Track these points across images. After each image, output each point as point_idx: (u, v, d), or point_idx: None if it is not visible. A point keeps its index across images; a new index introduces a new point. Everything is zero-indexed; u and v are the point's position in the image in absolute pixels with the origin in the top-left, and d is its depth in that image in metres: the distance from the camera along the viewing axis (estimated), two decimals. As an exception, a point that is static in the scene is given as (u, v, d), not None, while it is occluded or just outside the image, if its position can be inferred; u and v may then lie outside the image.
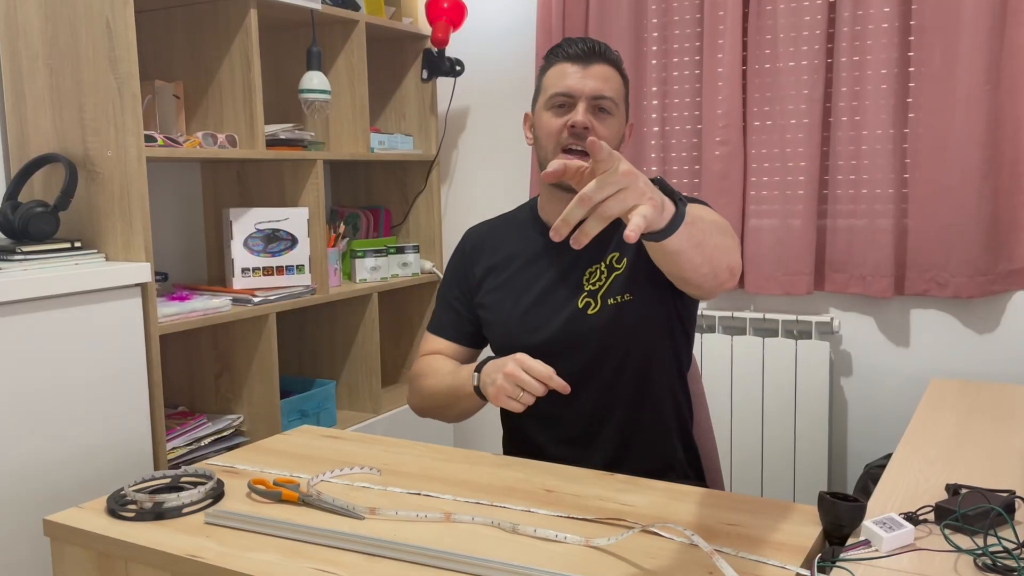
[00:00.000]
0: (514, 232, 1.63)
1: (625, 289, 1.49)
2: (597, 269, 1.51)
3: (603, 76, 1.47)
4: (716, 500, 1.22)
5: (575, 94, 1.46)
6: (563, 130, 1.46)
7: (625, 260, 1.50)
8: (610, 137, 1.47)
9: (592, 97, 1.46)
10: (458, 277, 1.67)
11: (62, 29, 1.96)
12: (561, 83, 1.47)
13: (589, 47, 1.48)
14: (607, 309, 1.49)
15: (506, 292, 1.58)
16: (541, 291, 1.54)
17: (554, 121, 1.48)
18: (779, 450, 2.49)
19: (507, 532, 1.12)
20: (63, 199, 1.92)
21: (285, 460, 1.43)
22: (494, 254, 1.62)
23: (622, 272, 1.50)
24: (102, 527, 1.17)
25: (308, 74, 2.42)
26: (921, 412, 1.68)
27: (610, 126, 1.48)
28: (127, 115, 1.91)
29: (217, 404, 2.38)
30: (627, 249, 1.50)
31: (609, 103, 1.47)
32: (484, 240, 1.66)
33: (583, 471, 1.35)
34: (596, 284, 1.50)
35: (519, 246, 1.60)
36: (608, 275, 1.50)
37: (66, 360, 1.77)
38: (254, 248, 2.36)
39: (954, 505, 1.08)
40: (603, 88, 1.47)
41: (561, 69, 1.49)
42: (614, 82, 1.49)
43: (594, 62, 1.48)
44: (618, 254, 1.51)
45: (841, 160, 2.40)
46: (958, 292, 2.27)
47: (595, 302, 1.50)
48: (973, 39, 2.18)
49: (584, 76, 1.47)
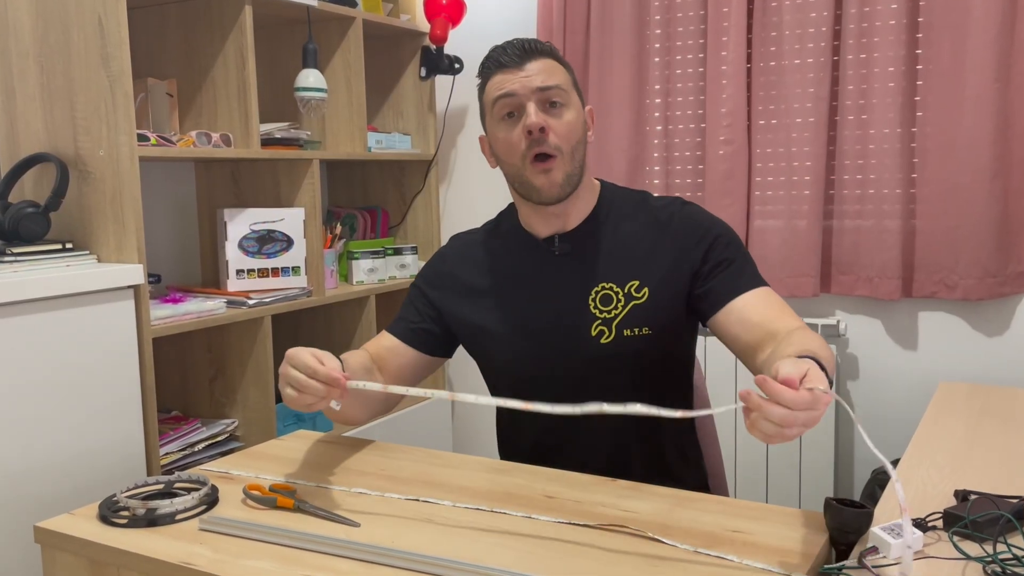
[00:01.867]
0: (503, 246, 1.56)
1: (644, 322, 1.43)
2: (611, 292, 1.45)
3: (543, 69, 1.40)
4: (720, 506, 1.22)
5: (518, 93, 1.39)
6: (521, 139, 1.39)
7: (647, 291, 1.44)
8: (569, 131, 1.40)
9: (538, 90, 1.39)
10: (435, 282, 1.59)
11: (53, 26, 1.97)
12: (501, 89, 1.40)
13: (517, 47, 1.41)
14: (622, 340, 1.43)
15: (504, 312, 1.51)
16: (546, 312, 1.47)
17: (510, 134, 1.41)
18: (784, 455, 2.49)
19: (506, 537, 1.12)
20: (54, 199, 1.92)
21: (281, 466, 1.43)
22: (485, 269, 1.55)
23: (642, 303, 1.44)
24: (94, 534, 1.17)
25: (304, 72, 2.42)
26: (929, 416, 1.68)
27: (567, 119, 1.40)
28: (119, 114, 1.91)
29: (211, 408, 2.38)
30: (649, 279, 1.45)
31: (557, 92, 1.40)
32: (473, 251, 1.58)
33: (585, 476, 1.35)
34: (611, 312, 1.44)
35: (511, 261, 1.53)
36: (626, 304, 1.44)
37: (57, 363, 1.77)
38: (249, 249, 2.36)
39: (963, 511, 1.08)
40: (546, 79, 1.39)
41: (496, 79, 1.42)
42: (556, 71, 1.42)
43: (528, 60, 1.40)
44: (638, 283, 1.44)
45: (848, 159, 2.40)
46: (967, 294, 2.27)
47: (609, 331, 1.44)
48: (982, 36, 2.19)
49: (523, 75, 1.39)
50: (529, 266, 1.51)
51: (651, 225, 1.49)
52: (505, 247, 1.55)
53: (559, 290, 1.48)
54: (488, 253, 1.56)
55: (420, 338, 1.57)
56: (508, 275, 1.53)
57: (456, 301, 1.56)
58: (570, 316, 1.46)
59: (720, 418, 2.54)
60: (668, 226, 1.48)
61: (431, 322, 1.57)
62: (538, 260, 1.50)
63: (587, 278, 1.47)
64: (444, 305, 1.57)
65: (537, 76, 1.39)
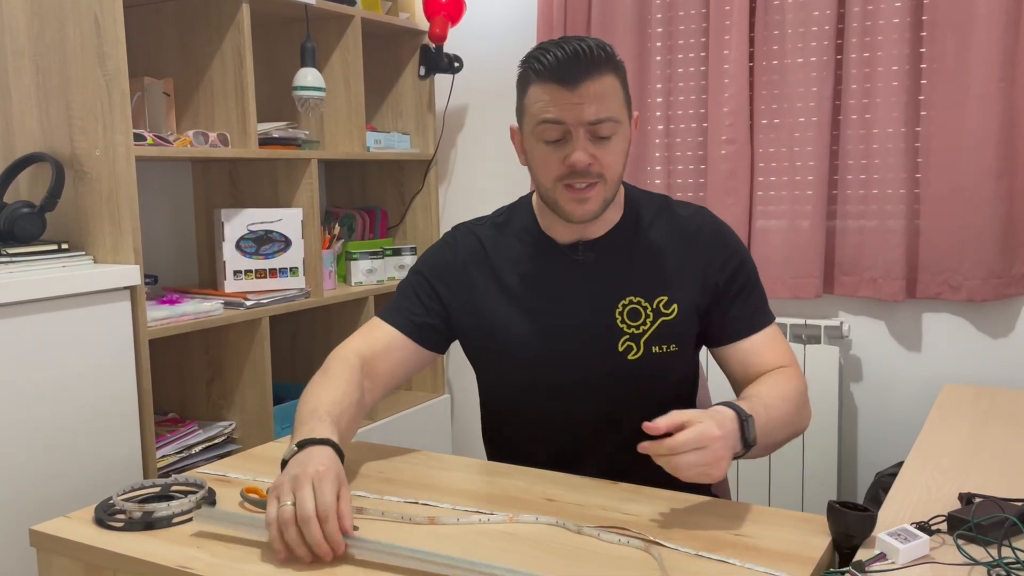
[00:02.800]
0: (519, 245, 1.48)
1: (671, 339, 1.41)
2: (638, 307, 1.41)
3: (598, 95, 1.29)
4: (722, 509, 1.22)
5: (568, 123, 1.29)
6: (561, 166, 1.31)
7: (675, 307, 1.41)
8: (617, 160, 1.34)
9: (589, 123, 1.29)
10: (444, 276, 1.50)
11: (49, 25, 1.97)
12: (549, 110, 1.30)
13: (574, 58, 1.28)
14: (650, 357, 1.41)
15: (525, 314, 1.44)
16: (571, 321, 1.42)
17: (550, 156, 1.32)
18: (787, 458, 2.49)
19: (502, 537, 1.12)
20: (50, 200, 1.92)
21: (278, 468, 1.43)
22: (501, 267, 1.47)
23: (671, 320, 1.41)
24: (90, 537, 1.17)
25: (302, 71, 2.42)
26: (933, 419, 1.69)
27: (615, 149, 1.33)
28: (115, 113, 1.91)
29: (208, 411, 2.38)
30: (678, 295, 1.41)
31: (610, 124, 1.30)
32: (486, 246, 1.50)
33: (585, 480, 1.35)
34: (640, 328, 1.40)
35: (530, 263, 1.46)
36: (655, 320, 1.40)
37: (52, 365, 1.77)
38: (246, 250, 2.36)
39: (967, 515, 1.08)
40: (600, 111, 1.29)
41: (545, 90, 1.30)
42: (612, 95, 1.31)
43: (584, 77, 1.28)
44: (667, 298, 1.41)
45: (851, 159, 2.40)
46: (972, 295, 2.27)
47: (637, 347, 1.40)
48: (987, 34, 2.19)
49: (576, 101, 1.28)
50: (550, 271, 1.45)
51: (677, 236, 1.45)
52: (521, 247, 1.48)
53: (584, 300, 1.42)
54: (502, 250, 1.49)
55: (424, 333, 1.48)
56: (527, 277, 1.46)
57: (469, 298, 1.48)
58: (597, 328, 1.42)
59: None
60: (696, 240, 1.45)
61: (436, 317, 1.49)
62: (560, 266, 1.44)
63: (614, 290, 1.42)
64: (453, 301, 1.49)
65: (592, 105, 1.28)
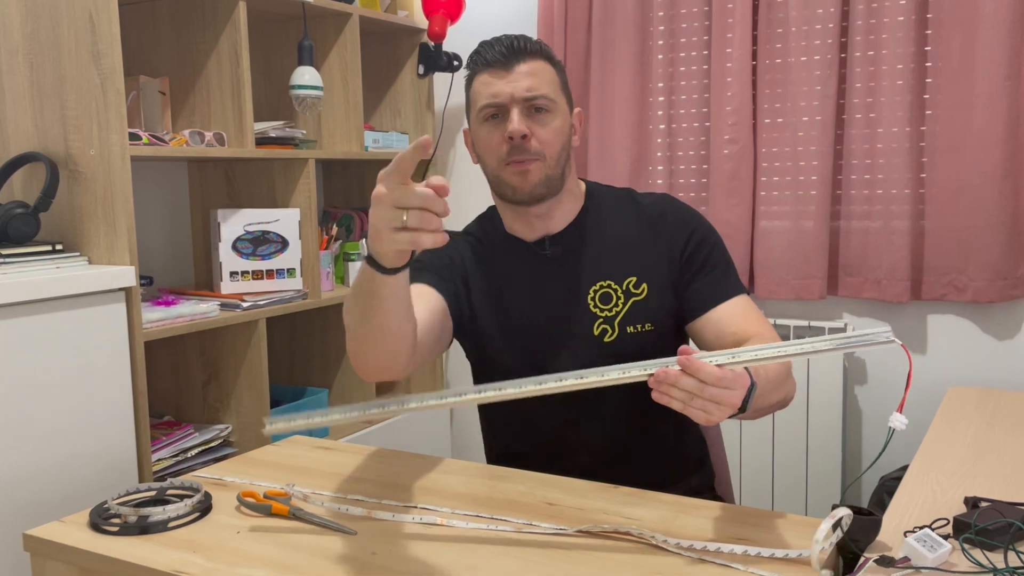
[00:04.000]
0: (491, 250, 1.55)
1: (646, 318, 1.46)
2: (609, 290, 1.47)
3: (530, 73, 1.41)
4: (725, 513, 1.22)
5: (504, 101, 1.40)
6: (502, 143, 1.41)
7: (645, 286, 1.47)
8: (554, 137, 1.42)
9: (524, 100, 1.40)
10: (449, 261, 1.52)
11: (43, 23, 1.97)
12: (487, 92, 1.42)
13: (507, 46, 1.42)
14: (626, 337, 1.46)
15: (504, 315, 1.51)
16: (546, 314, 1.48)
17: (492, 135, 1.43)
18: (791, 461, 2.49)
19: (505, 541, 1.12)
20: (44, 200, 1.92)
21: (275, 472, 1.43)
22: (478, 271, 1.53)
23: (642, 299, 1.47)
24: (85, 542, 1.17)
25: (299, 69, 2.42)
26: (938, 422, 1.69)
27: (551, 125, 1.42)
28: (111, 112, 1.92)
29: (204, 413, 2.38)
30: (646, 275, 1.47)
31: (543, 101, 1.41)
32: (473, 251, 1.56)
33: (586, 483, 1.35)
34: (612, 310, 1.47)
35: (503, 266, 1.53)
36: (626, 300, 1.47)
37: (47, 367, 1.77)
38: (243, 251, 2.37)
39: (973, 519, 1.09)
40: (533, 86, 1.40)
41: (483, 79, 1.43)
42: (545, 75, 1.43)
43: (516, 61, 1.41)
44: (636, 279, 1.47)
45: (855, 159, 2.40)
46: (977, 297, 2.27)
47: (612, 329, 1.46)
48: (993, 32, 2.19)
49: (509, 79, 1.40)
50: (522, 270, 1.52)
51: (641, 221, 1.52)
52: (493, 251, 1.55)
53: (556, 292, 1.49)
54: (478, 256, 1.55)
55: (451, 292, 1.48)
56: (502, 279, 1.52)
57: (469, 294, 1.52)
58: (571, 316, 1.47)
59: (727, 426, 2.54)
60: (659, 220, 1.51)
61: (460, 283, 1.51)
62: (530, 263, 1.51)
63: (583, 278, 1.48)
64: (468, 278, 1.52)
65: (524, 81, 1.40)
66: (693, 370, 1.05)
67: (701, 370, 1.05)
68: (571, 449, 1.51)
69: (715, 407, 1.06)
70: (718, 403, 1.06)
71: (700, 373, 1.05)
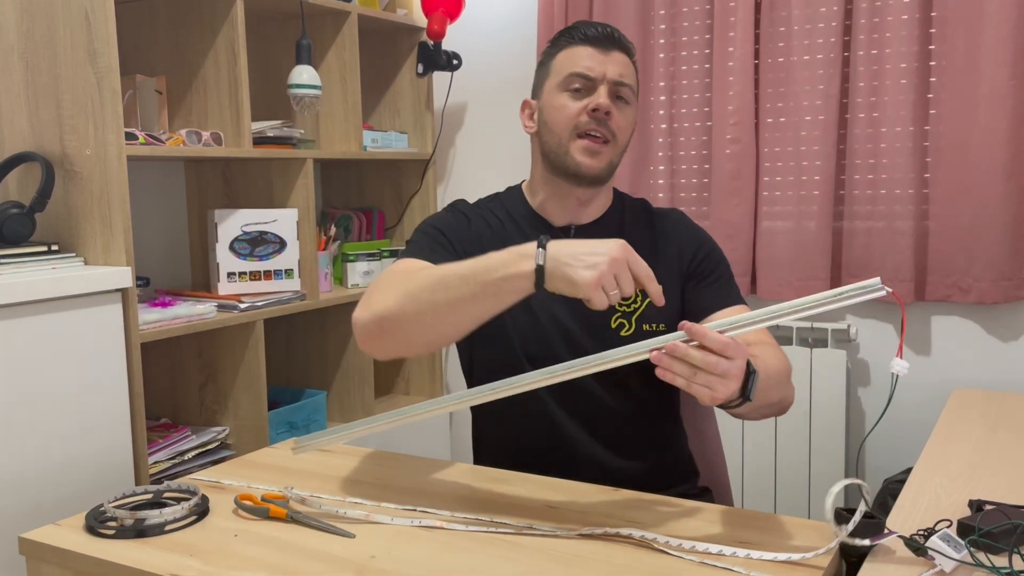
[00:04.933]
0: (514, 227, 1.54)
1: (659, 319, 1.48)
2: None
3: (623, 63, 1.48)
4: (727, 516, 1.22)
5: (596, 77, 1.45)
6: (582, 114, 1.45)
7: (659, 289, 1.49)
8: (626, 128, 1.48)
9: (614, 82, 1.45)
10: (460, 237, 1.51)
11: (38, 21, 1.97)
12: (580, 64, 1.46)
13: (608, 32, 1.48)
14: (642, 334, 1.47)
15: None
16: (565, 300, 1.45)
17: (571, 104, 1.46)
18: (793, 463, 2.49)
19: (506, 545, 1.12)
20: (39, 200, 1.92)
21: (273, 475, 1.43)
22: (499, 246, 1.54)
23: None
24: (80, 545, 1.17)
25: (297, 68, 2.42)
26: (943, 424, 1.69)
27: (628, 116, 1.49)
28: (107, 111, 1.92)
29: (202, 416, 2.38)
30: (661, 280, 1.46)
31: (628, 91, 1.48)
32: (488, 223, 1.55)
33: (587, 486, 1.35)
34: (631, 305, 1.49)
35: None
36: (643, 298, 1.49)
37: (42, 369, 1.77)
38: (240, 252, 2.37)
39: (976, 522, 1.09)
40: (624, 74, 1.47)
41: (577, 51, 1.47)
42: (632, 71, 1.50)
43: (613, 48, 1.47)
44: None
45: (858, 159, 2.40)
46: (982, 298, 2.27)
47: (629, 324, 1.48)
48: (998, 31, 2.19)
49: (605, 60, 1.46)
50: None
51: (655, 230, 1.57)
52: (518, 226, 1.55)
53: None
54: (498, 231, 1.54)
55: None
56: None
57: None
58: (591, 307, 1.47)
59: (725, 425, 2.54)
60: (672, 232, 1.57)
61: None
62: None
63: None
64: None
65: (618, 67, 1.46)
66: (697, 336, 1.06)
67: (705, 335, 1.05)
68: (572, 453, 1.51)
69: (719, 381, 1.06)
70: (722, 376, 1.06)
71: (704, 339, 1.05)
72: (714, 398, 1.08)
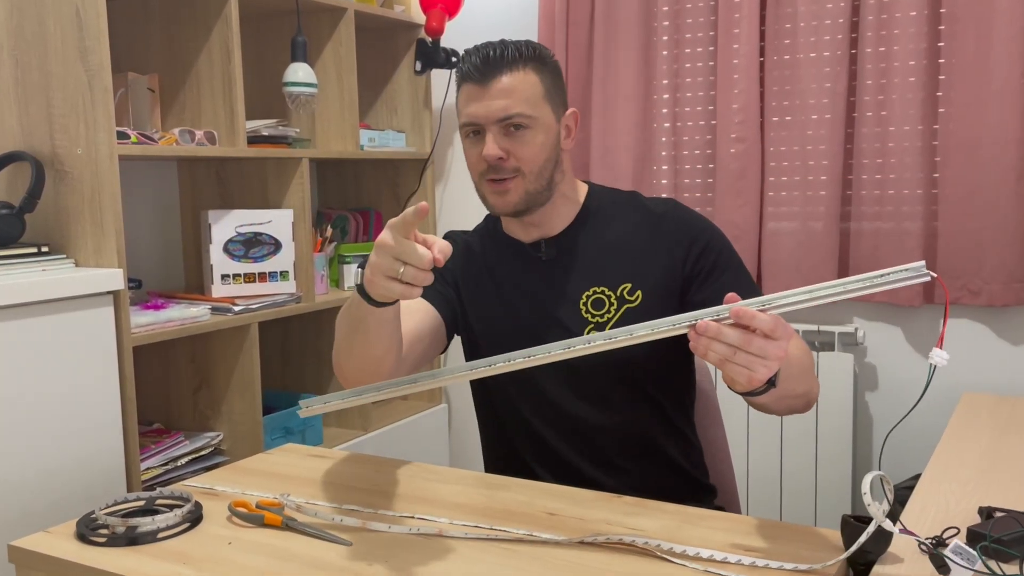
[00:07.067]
0: (494, 250, 1.58)
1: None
2: (602, 296, 1.48)
3: (505, 90, 1.41)
4: (731, 523, 1.22)
5: (480, 122, 1.43)
6: (480, 161, 1.44)
7: (640, 294, 1.47)
8: (534, 153, 1.43)
9: (498, 120, 1.41)
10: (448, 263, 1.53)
11: (28, 18, 1.97)
12: (465, 111, 1.44)
13: (483, 57, 1.42)
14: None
15: (500, 316, 1.53)
16: (539, 317, 1.50)
17: (471, 152, 1.46)
18: (799, 470, 2.49)
19: (504, 553, 1.12)
20: (29, 200, 1.92)
21: (268, 481, 1.43)
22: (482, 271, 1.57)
23: (636, 306, 1.46)
24: (71, 553, 1.17)
25: (293, 66, 2.42)
26: (952, 429, 1.69)
27: (530, 142, 1.43)
28: (98, 110, 1.92)
29: (195, 421, 2.38)
30: (642, 282, 1.48)
31: (520, 118, 1.41)
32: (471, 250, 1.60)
33: (588, 492, 1.35)
34: (604, 316, 1.47)
35: (503, 266, 1.56)
36: (619, 307, 1.47)
37: (32, 373, 1.77)
38: (235, 253, 2.37)
39: (987, 529, 1.09)
40: (507, 106, 1.41)
41: (464, 92, 1.45)
42: (522, 90, 1.42)
43: (492, 75, 1.41)
44: (631, 285, 1.48)
45: (866, 158, 2.40)
46: (992, 300, 2.27)
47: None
48: (1009, 28, 2.19)
49: (484, 98, 1.42)
50: (518, 271, 1.54)
51: (642, 225, 1.53)
52: (496, 250, 1.58)
53: (549, 295, 1.51)
54: (483, 255, 1.59)
55: (442, 300, 1.54)
56: (502, 279, 1.55)
57: (466, 294, 1.57)
58: (563, 321, 1.49)
59: (731, 431, 2.54)
60: (660, 226, 1.52)
61: (451, 288, 1.57)
62: (526, 265, 1.54)
63: (576, 283, 1.50)
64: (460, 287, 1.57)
65: (499, 100, 1.41)
66: (746, 320, 1.02)
67: (755, 318, 1.02)
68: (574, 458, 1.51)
69: (760, 362, 1.03)
70: (764, 357, 1.03)
71: (754, 322, 1.02)
72: (752, 380, 1.06)
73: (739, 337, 1.03)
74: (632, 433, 1.51)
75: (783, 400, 1.27)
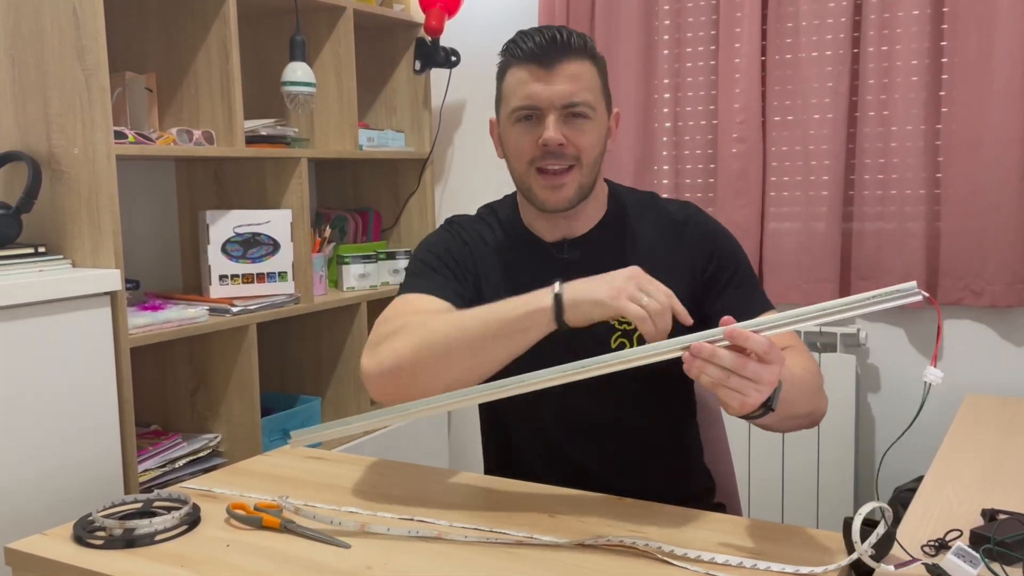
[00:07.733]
0: (507, 243, 1.52)
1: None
2: None
3: (572, 76, 1.37)
4: (733, 526, 1.22)
5: (542, 106, 1.36)
6: (535, 147, 1.38)
7: None
8: (592, 144, 1.40)
9: (563, 106, 1.36)
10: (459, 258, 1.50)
11: (25, 17, 1.97)
12: (523, 92, 1.37)
13: (549, 39, 1.36)
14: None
15: None
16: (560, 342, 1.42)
17: (523, 138, 1.39)
18: (801, 472, 2.49)
19: (505, 555, 1.12)
20: (26, 200, 1.92)
21: (266, 483, 1.43)
22: (495, 264, 1.50)
23: None
24: (68, 555, 1.17)
25: (291, 65, 2.42)
26: (955, 431, 1.69)
27: (590, 132, 1.39)
28: (95, 110, 1.92)
29: (193, 422, 2.38)
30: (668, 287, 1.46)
31: (584, 108, 1.37)
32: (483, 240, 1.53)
33: (590, 495, 1.35)
34: (631, 323, 1.40)
35: (518, 262, 1.49)
36: None
37: (29, 375, 1.77)
38: (233, 254, 2.37)
39: (990, 532, 1.08)
40: (574, 92, 1.36)
41: (520, 74, 1.38)
42: (586, 79, 1.39)
43: (558, 60, 1.36)
44: None
45: (868, 158, 2.41)
46: (995, 301, 2.27)
47: (630, 343, 1.42)
48: (1011, 27, 2.19)
49: (549, 81, 1.36)
50: (537, 270, 1.46)
51: (663, 229, 1.49)
52: (509, 244, 1.52)
53: None
54: (493, 246, 1.52)
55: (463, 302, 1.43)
56: (517, 276, 1.48)
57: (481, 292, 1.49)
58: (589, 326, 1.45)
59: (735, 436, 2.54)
60: (682, 232, 1.49)
61: (472, 289, 1.49)
62: (546, 265, 1.47)
63: None
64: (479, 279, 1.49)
65: (564, 85, 1.36)
66: (739, 340, 1.03)
67: (749, 339, 1.02)
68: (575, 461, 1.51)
69: (752, 387, 1.04)
70: (757, 382, 1.03)
71: (748, 342, 1.02)
72: (744, 404, 1.06)
73: (733, 360, 1.03)
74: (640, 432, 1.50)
75: (786, 420, 1.27)
